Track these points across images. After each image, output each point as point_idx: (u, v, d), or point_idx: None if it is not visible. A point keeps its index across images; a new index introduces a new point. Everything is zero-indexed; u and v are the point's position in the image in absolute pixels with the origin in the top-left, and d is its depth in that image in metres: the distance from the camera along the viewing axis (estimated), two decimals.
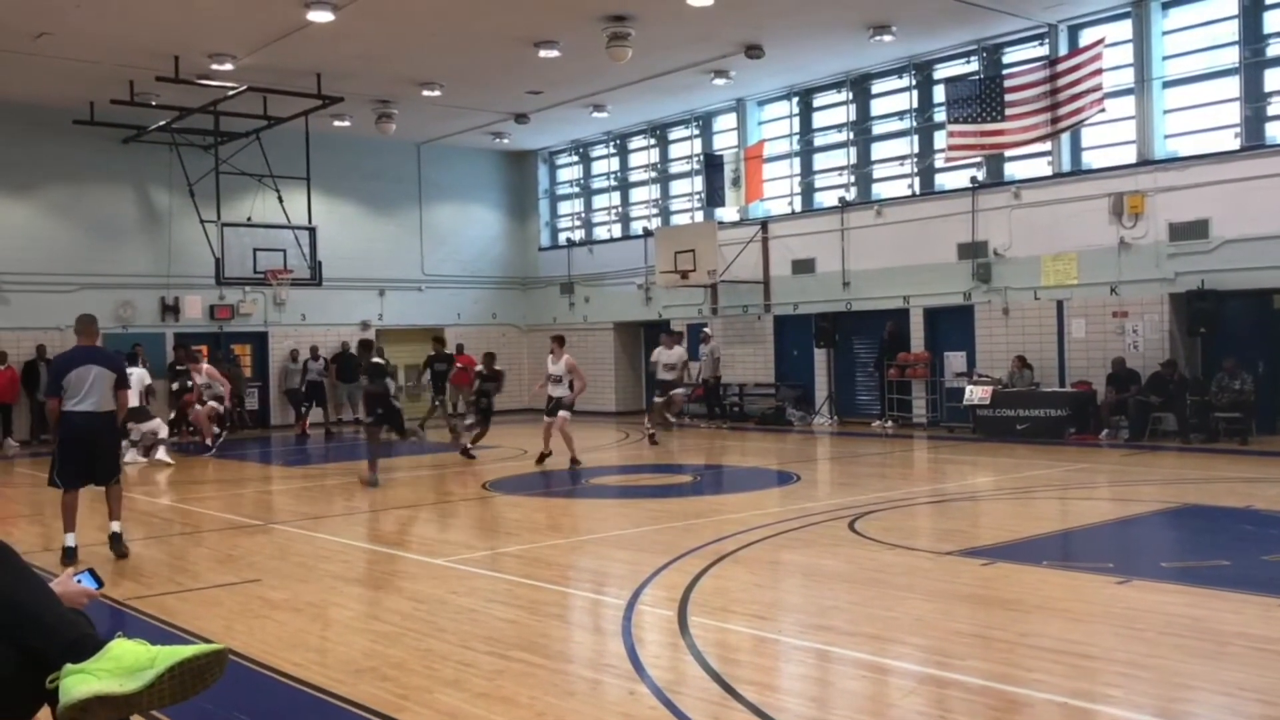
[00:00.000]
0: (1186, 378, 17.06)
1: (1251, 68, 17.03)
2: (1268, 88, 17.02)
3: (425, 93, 21.79)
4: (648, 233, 25.91)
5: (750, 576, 7.97)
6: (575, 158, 29.04)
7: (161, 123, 21.87)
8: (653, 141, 26.70)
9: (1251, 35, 17.03)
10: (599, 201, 28.75)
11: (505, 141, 27.50)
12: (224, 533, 10.65)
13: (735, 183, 23.34)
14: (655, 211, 26.83)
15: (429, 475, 15.21)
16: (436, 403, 21.12)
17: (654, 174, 26.87)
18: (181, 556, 9.59)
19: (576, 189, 29.26)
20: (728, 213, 24.18)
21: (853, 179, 22.41)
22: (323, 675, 5.66)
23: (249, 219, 22.78)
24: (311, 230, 22.72)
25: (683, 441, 20.12)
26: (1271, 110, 16.96)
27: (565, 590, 7.85)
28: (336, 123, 23.38)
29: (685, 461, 16.89)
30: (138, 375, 16.35)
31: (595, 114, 24.37)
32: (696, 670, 5.59)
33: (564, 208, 29.75)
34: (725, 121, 25.06)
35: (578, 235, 28.94)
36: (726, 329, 24.25)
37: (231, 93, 20.01)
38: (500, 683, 5.43)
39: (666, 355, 19.38)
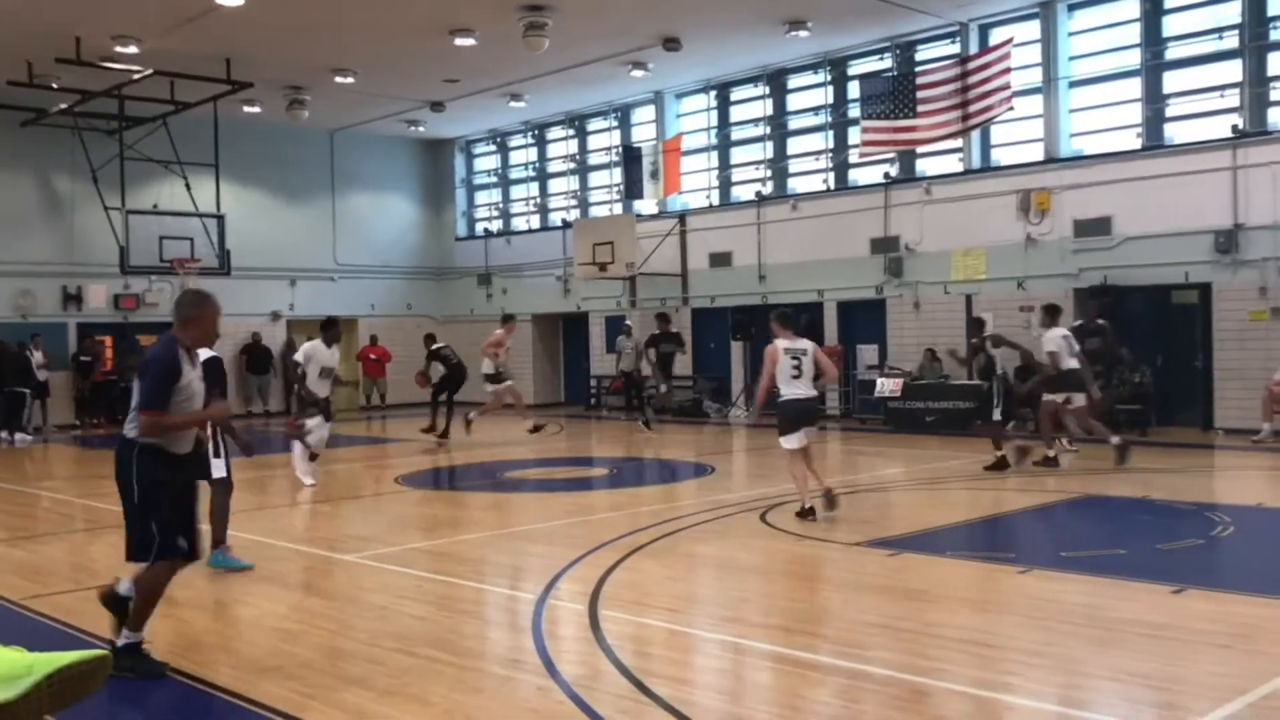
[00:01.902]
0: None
1: (1152, 70, 17.54)
2: (1167, 89, 17.54)
3: (338, 79, 21.44)
4: (566, 224, 25.84)
5: (663, 569, 8.01)
6: (493, 147, 28.83)
7: (63, 106, 21.20)
8: (571, 132, 26.62)
9: (1152, 38, 17.54)
10: (517, 192, 28.58)
11: (421, 130, 27.19)
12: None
13: (654, 175, 23.39)
14: (574, 203, 26.77)
15: (342, 469, 14.99)
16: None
17: (573, 165, 26.79)
18: (82, 553, 9.33)
19: (494, 179, 29.05)
20: (646, 205, 24.23)
21: (769, 173, 22.59)
22: (226, 675, 5.55)
23: (155, 206, 22.21)
24: (220, 218, 22.25)
25: (600, 434, 20.13)
26: (1170, 111, 17.49)
27: (476, 585, 7.80)
28: (247, 109, 22.89)
29: (602, 454, 16.90)
30: None
31: (513, 104, 24.22)
32: (607, 665, 5.59)
33: (481, 198, 29.52)
34: (644, 114, 25.08)
35: (495, 226, 28.75)
36: (644, 322, 24.30)
37: (137, 76, 19.46)
38: (408, 680, 5.38)
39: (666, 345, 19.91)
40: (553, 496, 12.40)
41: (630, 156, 23.71)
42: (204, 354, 7.64)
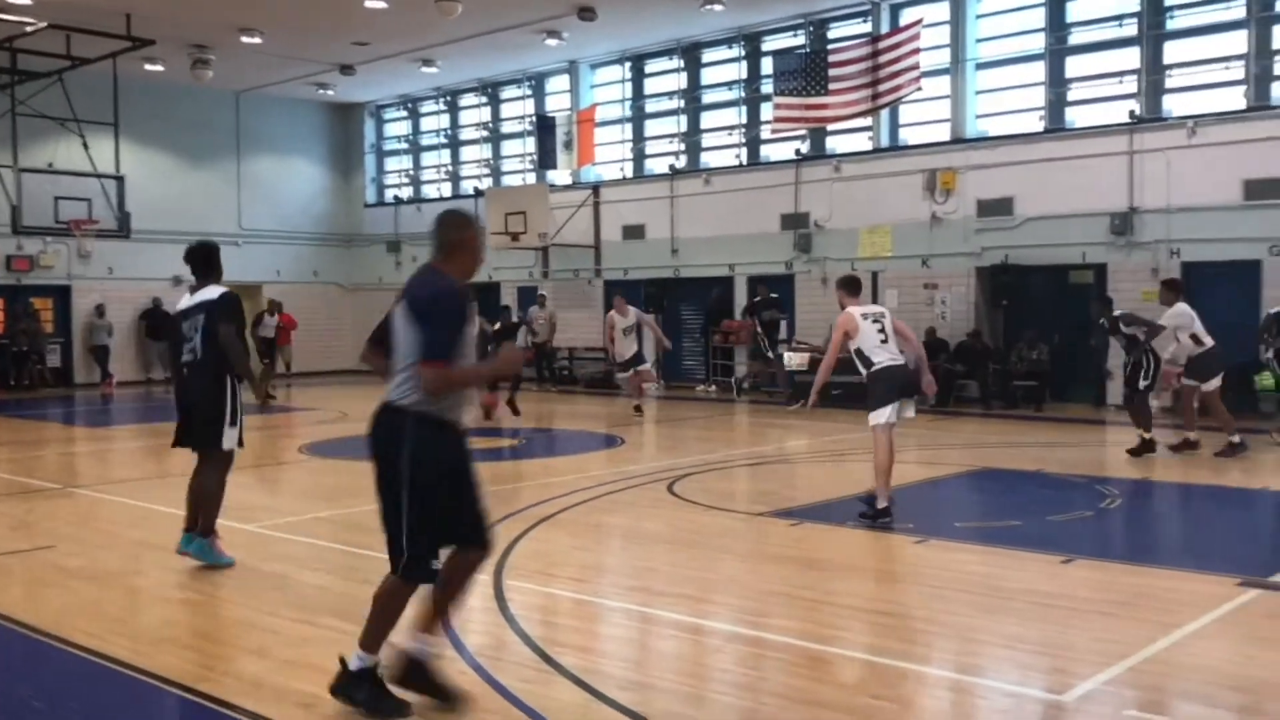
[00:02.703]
0: (989, 347, 18.00)
1: (1055, 54, 17.96)
2: (1069, 74, 17.98)
3: (245, 39, 20.87)
4: (479, 193, 25.57)
5: (570, 539, 8.04)
6: (404, 113, 28.37)
7: None
8: (485, 100, 26.31)
9: (1056, 24, 17.95)
10: (428, 159, 28.20)
11: (330, 93, 26.64)
12: (19, 497, 10.06)
13: (567, 146, 23.27)
14: (486, 171, 26.50)
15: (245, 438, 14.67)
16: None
17: (485, 133, 26.51)
18: None
19: (405, 145, 28.61)
20: (560, 176, 24.10)
21: (683, 147, 22.63)
22: (119, 646, 5.43)
23: (50, 165, 21.42)
24: (119, 179, 21.55)
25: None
26: (1072, 95, 17.93)
27: (380, 556, 7.70)
28: (148, 66, 22.17)
29: (511, 425, 16.84)
30: None
31: (425, 69, 23.85)
32: (511, 635, 5.61)
33: (391, 164, 29.05)
34: (558, 83, 24.89)
35: (406, 193, 28.33)
36: (558, 292, 24.22)
37: (30, 29, 18.69)
38: (306, 650, 5.32)
39: (622, 320, 17.16)
40: None
41: (544, 126, 23.54)
42: (212, 292, 6.84)
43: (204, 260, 7.16)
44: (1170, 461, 11.50)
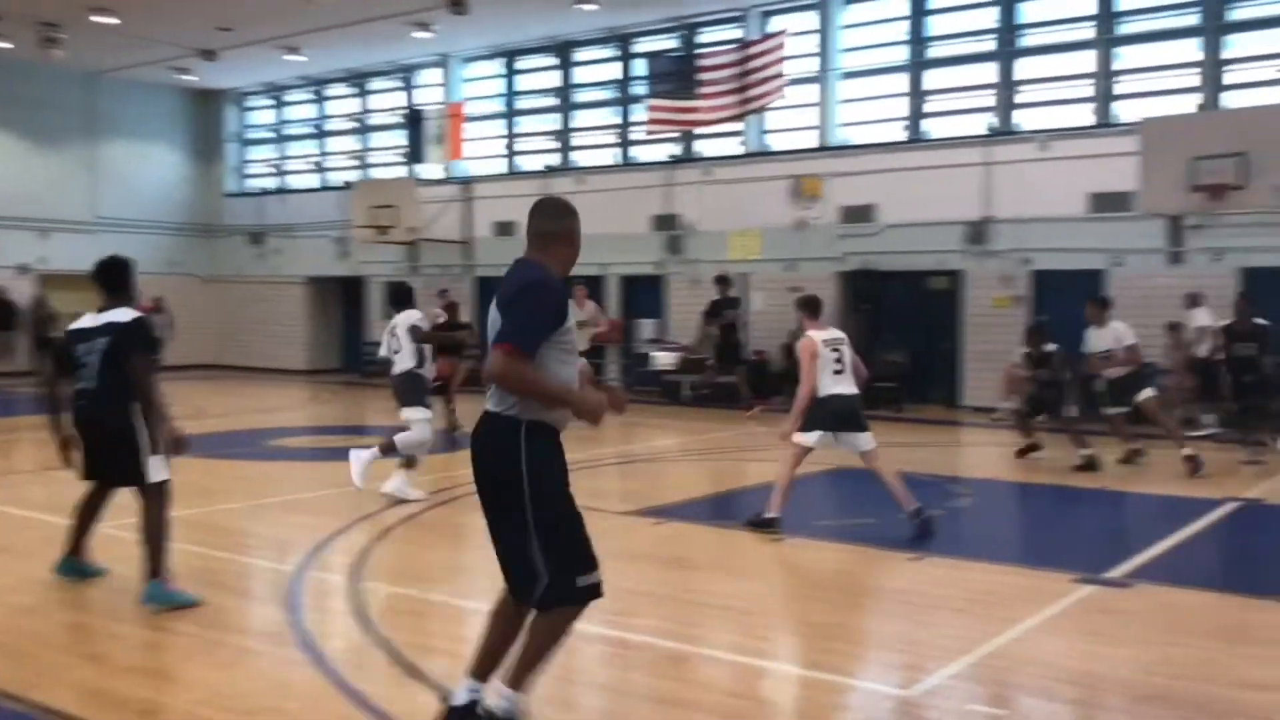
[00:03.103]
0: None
1: (916, 67, 18.54)
2: (928, 86, 18.58)
3: (98, 19, 19.98)
4: (346, 185, 25.06)
5: (432, 540, 7.96)
6: (269, 101, 27.60)
7: None
8: (354, 90, 25.80)
9: (917, 37, 18.54)
10: (294, 149, 27.49)
11: (191, 79, 25.72)
12: None
13: (438, 140, 23.00)
14: (355, 163, 25.99)
15: None
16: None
17: (354, 124, 25.99)
18: None
19: (270, 135, 27.83)
20: (431, 170, 23.79)
21: (557, 145, 22.59)
22: None
23: None
24: None
25: (377, 403, 19.68)
26: (931, 107, 18.53)
27: (234, 557, 7.52)
28: None
29: (378, 423, 16.54)
30: None
31: (291, 57, 23.23)
32: (367, 638, 5.51)
33: (255, 153, 28.23)
34: (430, 76, 24.56)
35: (270, 183, 27.57)
36: (428, 289, 23.88)
37: None
38: (151, 655, 5.15)
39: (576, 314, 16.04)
40: (321, 465, 12.06)
41: (415, 119, 23.22)
42: (122, 315, 6.02)
43: (115, 277, 6.43)
44: (1022, 462, 11.95)
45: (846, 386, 8.35)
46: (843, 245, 18.64)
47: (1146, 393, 11.31)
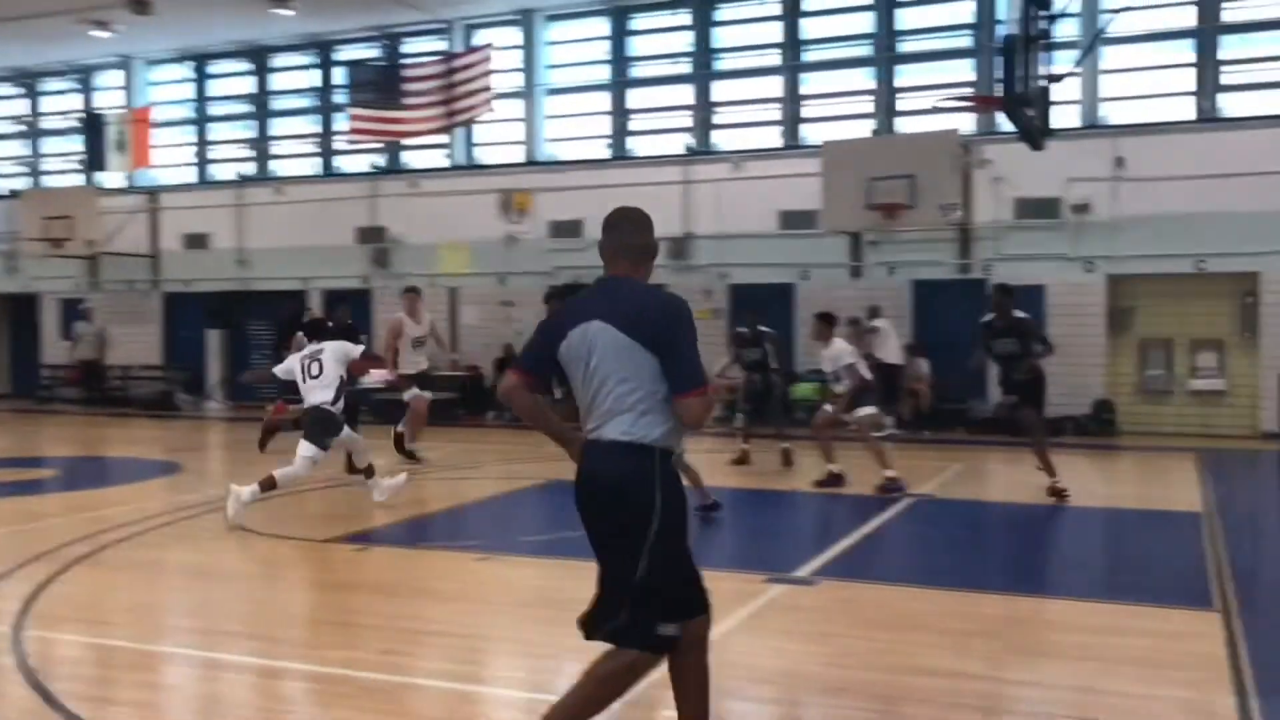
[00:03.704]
0: None
1: (618, 86, 19.06)
2: (631, 105, 19.13)
3: None
4: (14, 194, 22.93)
5: (111, 579, 7.37)
6: None
7: None
8: (22, 91, 23.68)
9: (619, 56, 19.06)
10: None
11: None
12: None
13: (121, 146, 21.47)
14: (24, 170, 23.83)
15: None
16: None
17: (23, 128, 23.84)
18: None
19: None
20: (113, 178, 22.17)
21: (253, 153, 21.61)
22: None
23: None
24: None
25: (53, 430, 18.10)
26: (635, 126, 19.09)
27: None
28: None
29: (55, 453, 15.21)
30: None
31: None
32: (21, 689, 5.02)
33: None
34: (111, 78, 22.91)
35: None
36: (110, 306, 22.22)
37: None
38: None
39: (413, 327, 12.85)
40: None
41: (93, 124, 21.57)
42: None
43: None
44: (719, 468, 12.42)
45: None
46: (552, 259, 18.83)
47: (862, 412, 11.01)
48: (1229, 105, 16.11)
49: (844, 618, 6.39)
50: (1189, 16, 16.22)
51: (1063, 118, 15.18)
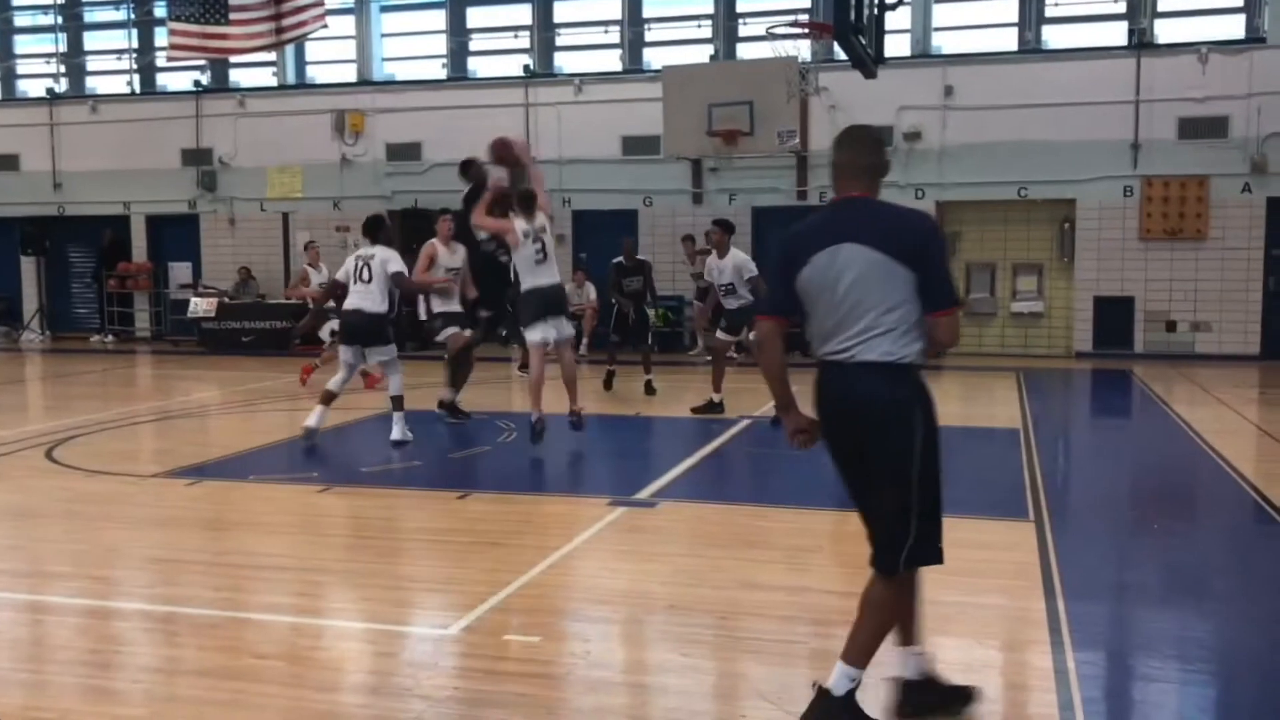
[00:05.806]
0: None
1: (456, 4, 18.51)
2: (470, 24, 18.64)
3: None
4: None
5: None
6: None
7: None
8: None
9: None
10: None
11: None
12: None
13: None
14: None
15: None
16: None
17: None
18: None
19: None
20: None
21: (63, 69, 20.26)
22: None
23: None
24: None
25: None
26: (473, 46, 18.63)
27: None
28: None
29: None
30: None
31: None
32: None
33: None
34: None
35: None
36: None
37: None
38: None
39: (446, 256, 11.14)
40: None
41: None
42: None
43: None
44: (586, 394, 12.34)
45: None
46: (390, 183, 18.37)
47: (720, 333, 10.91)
48: (1052, 37, 16.74)
49: (683, 538, 6.53)
50: None
51: (895, 46, 15.50)
